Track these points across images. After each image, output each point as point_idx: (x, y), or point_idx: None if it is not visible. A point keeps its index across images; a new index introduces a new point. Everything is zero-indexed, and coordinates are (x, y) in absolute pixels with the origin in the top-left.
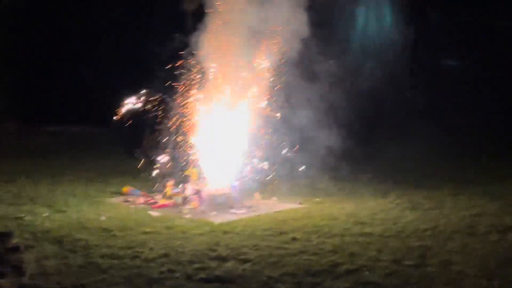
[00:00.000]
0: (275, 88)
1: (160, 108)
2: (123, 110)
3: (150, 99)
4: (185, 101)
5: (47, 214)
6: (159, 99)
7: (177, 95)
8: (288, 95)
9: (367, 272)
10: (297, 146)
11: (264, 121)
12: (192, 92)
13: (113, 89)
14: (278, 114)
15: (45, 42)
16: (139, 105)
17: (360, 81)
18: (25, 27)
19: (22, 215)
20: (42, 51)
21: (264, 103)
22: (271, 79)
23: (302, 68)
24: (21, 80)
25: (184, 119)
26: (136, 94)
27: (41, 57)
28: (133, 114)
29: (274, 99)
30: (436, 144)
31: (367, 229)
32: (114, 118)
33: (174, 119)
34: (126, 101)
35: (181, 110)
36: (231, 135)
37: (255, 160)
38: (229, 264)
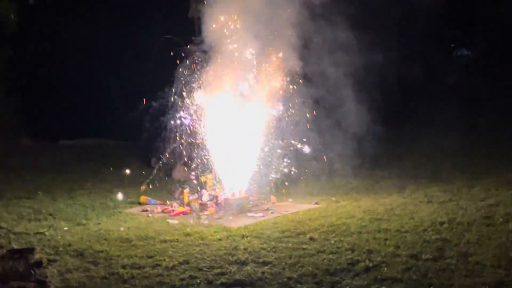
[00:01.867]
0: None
1: (174, 114)
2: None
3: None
4: (197, 105)
5: (67, 228)
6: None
7: (188, 99)
8: (304, 92)
9: (385, 268)
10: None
11: (279, 123)
12: (203, 95)
13: (126, 99)
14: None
15: (56, 57)
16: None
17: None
18: (36, 42)
19: (43, 230)
20: (54, 66)
21: (279, 104)
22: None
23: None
24: (33, 96)
25: (197, 124)
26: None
27: (53, 72)
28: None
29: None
30: (452, 134)
31: (384, 225)
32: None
33: (188, 124)
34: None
35: (193, 115)
36: (245, 138)
37: (270, 162)
38: (248, 268)
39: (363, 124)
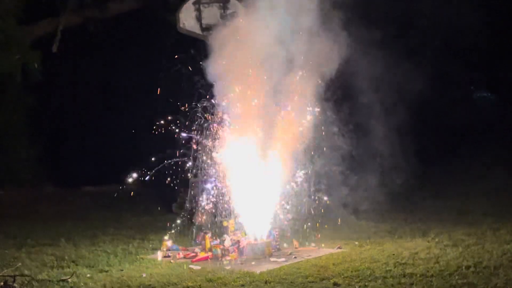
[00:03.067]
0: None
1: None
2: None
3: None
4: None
5: (90, 274)
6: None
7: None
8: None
9: None
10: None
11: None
12: (221, 137)
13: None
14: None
15: (78, 104)
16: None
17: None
18: (58, 90)
19: (66, 277)
20: (76, 113)
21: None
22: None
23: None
24: (56, 143)
25: (217, 166)
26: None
27: (75, 119)
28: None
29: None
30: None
31: (409, 270)
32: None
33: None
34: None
35: (213, 159)
36: (266, 182)
37: (291, 207)
38: None
39: (390, 167)
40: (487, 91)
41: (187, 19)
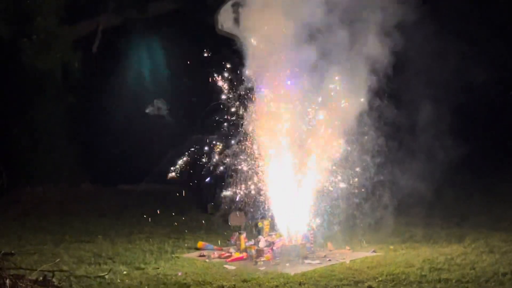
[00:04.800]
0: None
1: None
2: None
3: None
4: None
5: (126, 272)
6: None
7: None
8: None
9: None
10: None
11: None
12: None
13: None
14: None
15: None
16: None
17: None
18: (94, 88)
19: (103, 274)
20: (111, 111)
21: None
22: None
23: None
24: (94, 142)
25: (254, 168)
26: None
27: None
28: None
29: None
30: None
31: (444, 275)
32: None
33: (244, 168)
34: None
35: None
36: (302, 184)
37: (327, 209)
38: None
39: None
40: None
41: (225, 21)
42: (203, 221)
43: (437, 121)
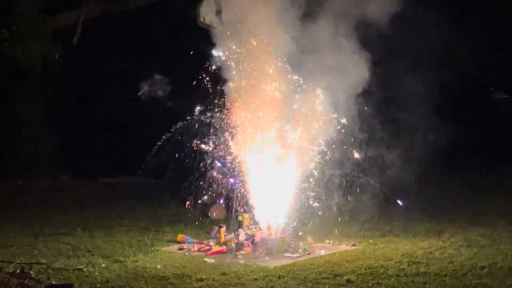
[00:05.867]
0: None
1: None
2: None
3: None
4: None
5: (105, 264)
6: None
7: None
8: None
9: None
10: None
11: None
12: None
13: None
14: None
15: (97, 96)
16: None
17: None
18: (77, 81)
19: (82, 266)
20: (94, 104)
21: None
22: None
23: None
24: (74, 134)
25: (235, 161)
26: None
27: (93, 110)
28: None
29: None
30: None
31: (423, 269)
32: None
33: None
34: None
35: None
36: (282, 178)
37: (307, 203)
38: None
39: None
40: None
41: (207, 13)
42: (183, 215)
43: (417, 118)
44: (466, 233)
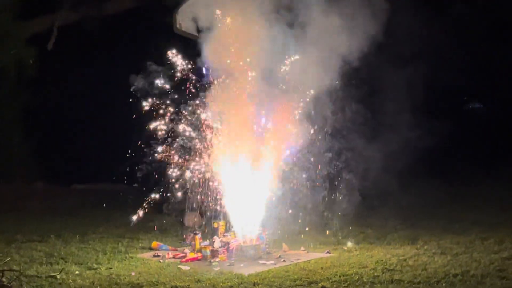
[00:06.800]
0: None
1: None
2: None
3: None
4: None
5: (78, 272)
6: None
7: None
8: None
9: None
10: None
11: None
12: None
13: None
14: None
15: (71, 103)
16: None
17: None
18: (52, 87)
19: (55, 274)
20: (69, 111)
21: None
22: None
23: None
24: (48, 140)
25: (208, 170)
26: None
27: (68, 116)
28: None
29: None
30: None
31: (397, 276)
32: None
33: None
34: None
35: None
36: (257, 185)
37: (282, 210)
38: None
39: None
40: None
41: (183, 20)
42: (158, 221)
43: (397, 124)
44: (440, 240)
